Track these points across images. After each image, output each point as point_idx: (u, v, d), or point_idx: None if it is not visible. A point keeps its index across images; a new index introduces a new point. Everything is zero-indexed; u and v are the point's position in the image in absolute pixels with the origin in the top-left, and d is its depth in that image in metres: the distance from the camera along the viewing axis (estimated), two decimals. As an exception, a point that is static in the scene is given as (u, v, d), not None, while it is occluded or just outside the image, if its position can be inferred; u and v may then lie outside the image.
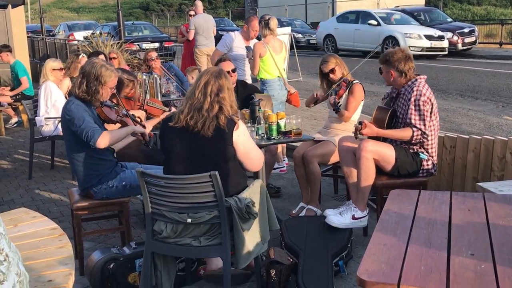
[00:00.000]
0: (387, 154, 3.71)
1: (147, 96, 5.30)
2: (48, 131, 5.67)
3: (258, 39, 5.96)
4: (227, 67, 4.65)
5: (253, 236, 2.91)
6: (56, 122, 5.56)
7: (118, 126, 3.99)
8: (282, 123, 4.00)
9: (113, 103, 3.87)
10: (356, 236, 3.86)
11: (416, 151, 3.78)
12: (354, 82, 4.43)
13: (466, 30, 17.10)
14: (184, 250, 2.88)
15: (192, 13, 9.73)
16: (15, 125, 8.54)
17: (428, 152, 3.79)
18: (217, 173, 2.69)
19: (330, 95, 4.43)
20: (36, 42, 16.28)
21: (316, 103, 4.65)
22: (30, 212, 3.16)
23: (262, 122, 3.96)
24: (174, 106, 5.36)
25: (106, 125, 3.76)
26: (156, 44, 14.04)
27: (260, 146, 3.75)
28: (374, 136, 3.79)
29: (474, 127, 7.34)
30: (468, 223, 2.41)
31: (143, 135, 3.65)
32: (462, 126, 7.38)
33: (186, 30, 9.78)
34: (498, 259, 2.02)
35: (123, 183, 3.54)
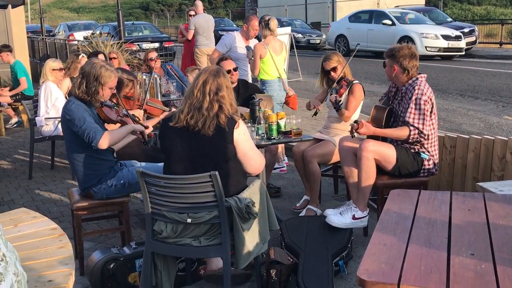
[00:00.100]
0: (388, 154, 3.71)
1: (147, 96, 5.30)
2: (48, 131, 5.68)
3: (258, 39, 5.96)
4: (229, 66, 4.65)
5: (253, 236, 2.91)
6: (56, 122, 5.56)
7: (118, 126, 3.99)
8: (282, 123, 4.01)
9: (113, 103, 3.87)
10: (356, 236, 3.86)
11: (417, 151, 3.78)
12: (354, 82, 4.43)
13: (466, 30, 17.10)
14: (184, 250, 2.88)
15: (192, 13, 9.73)
16: (15, 125, 8.55)
17: (429, 151, 3.79)
18: (217, 173, 2.69)
19: (330, 94, 4.42)
20: (36, 42, 16.28)
21: (316, 114, 4.51)
22: (30, 212, 3.16)
23: (262, 122, 3.97)
24: (174, 106, 5.36)
25: (106, 125, 3.76)
26: (156, 44, 14.04)
27: (260, 146, 3.75)
28: (373, 135, 3.79)
29: (474, 127, 7.34)
30: (468, 223, 2.41)
31: (142, 134, 3.65)
32: (462, 126, 7.38)
33: (185, 29, 9.78)
34: (498, 259, 2.02)
35: (122, 181, 3.54)
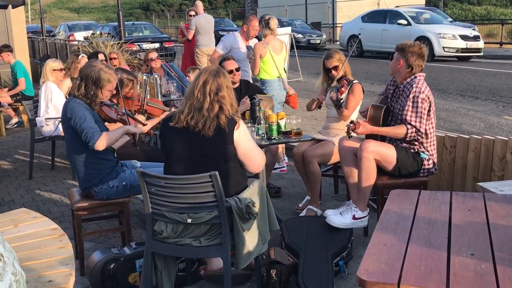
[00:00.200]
0: (388, 154, 3.71)
1: (147, 96, 5.30)
2: (49, 131, 5.68)
3: (258, 39, 5.96)
4: (231, 66, 4.65)
5: (253, 236, 2.91)
6: (57, 123, 5.56)
7: (119, 125, 4.00)
8: (282, 123, 4.01)
9: (112, 102, 3.88)
10: (357, 236, 3.86)
11: (417, 150, 3.78)
12: (354, 81, 4.43)
13: (467, 30, 17.07)
14: (185, 250, 2.88)
15: (192, 13, 9.73)
16: (16, 125, 8.55)
17: (428, 150, 3.79)
18: (217, 173, 2.69)
19: (330, 92, 4.41)
20: (36, 43, 16.28)
21: (320, 107, 4.54)
22: (30, 212, 3.16)
23: (262, 122, 3.97)
24: (175, 107, 5.36)
25: (107, 124, 3.76)
26: (157, 45, 14.05)
27: (260, 146, 3.75)
28: (370, 134, 3.79)
29: (474, 127, 7.33)
30: (468, 223, 2.41)
31: (133, 135, 3.63)
32: (463, 126, 7.38)
33: (186, 29, 9.77)
34: (498, 259, 2.02)
35: (124, 183, 3.54)
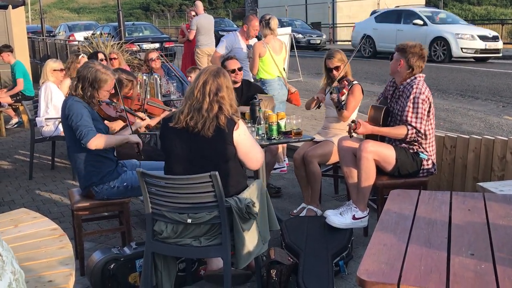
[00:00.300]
0: (388, 154, 3.71)
1: (147, 96, 5.30)
2: (49, 131, 5.68)
3: (258, 38, 5.96)
4: (233, 66, 4.65)
5: (253, 236, 2.91)
6: (57, 123, 5.57)
7: (120, 123, 4.00)
8: (282, 123, 4.00)
9: (111, 100, 3.88)
10: (357, 236, 3.86)
11: (416, 151, 3.78)
12: (354, 82, 4.43)
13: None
14: (185, 251, 2.88)
15: (192, 13, 9.73)
16: (16, 125, 8.55)
17: (427, 151, 3.79)
18: (217, 173, 2.68)
19: (330, 92, 4.40)
20: (36, 43, 16.28)
21: (319, 106, 4.53)
22: (30, 212, 3.16)
23: (262, 122, 3.97)
24: (175, 107, 5.36)
25: (107, 122, 3.76)
26: (157, 45, 14.05)
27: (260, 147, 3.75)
28: (370, 135, 3.79)
29: (474, 127, 7.34)
30: (468, 223, 2.41)
31: (137, 145, 3.63)
32: (463, 126, 7.38)
33: (187, 29, 9.77)
34: (498, 259, 2.02)
35: (125, 183, 3.54)
